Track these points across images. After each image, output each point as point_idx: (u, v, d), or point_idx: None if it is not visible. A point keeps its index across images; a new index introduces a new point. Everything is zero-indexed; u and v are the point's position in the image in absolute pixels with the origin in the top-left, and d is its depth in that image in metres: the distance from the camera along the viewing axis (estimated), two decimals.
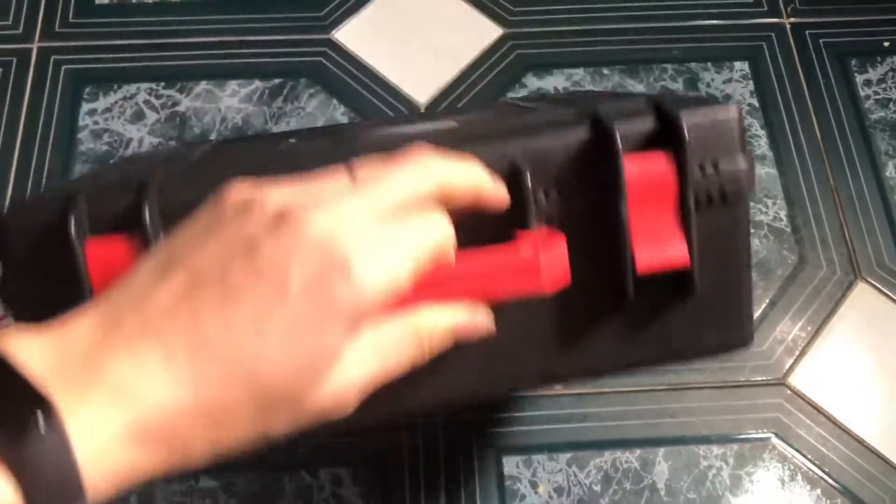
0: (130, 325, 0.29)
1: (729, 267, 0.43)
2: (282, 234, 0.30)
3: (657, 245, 0.41)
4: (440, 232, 0.33)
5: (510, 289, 0.36)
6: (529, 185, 0.40)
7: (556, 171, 0.41)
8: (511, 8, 0.92)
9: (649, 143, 0.41)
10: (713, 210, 0.42)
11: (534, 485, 0.68)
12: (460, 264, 0.35)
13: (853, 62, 0.92)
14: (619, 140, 0.39)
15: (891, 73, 0.90)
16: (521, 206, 0.40)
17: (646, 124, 0.41)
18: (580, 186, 0.41)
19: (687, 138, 0.39)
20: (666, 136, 0.40)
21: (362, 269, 0.30)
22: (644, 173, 0.40)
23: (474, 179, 0.36)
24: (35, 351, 0.29)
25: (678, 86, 0.89)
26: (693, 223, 0.40)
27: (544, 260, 0.35)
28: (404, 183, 0.33)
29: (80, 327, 0.30)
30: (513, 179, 0.40)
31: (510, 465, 0.69)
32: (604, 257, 0.41)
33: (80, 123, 0.85)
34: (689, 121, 0.40)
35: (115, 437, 0.28)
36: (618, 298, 0.41)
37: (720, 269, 0.43)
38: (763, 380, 0.74)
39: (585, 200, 0.41)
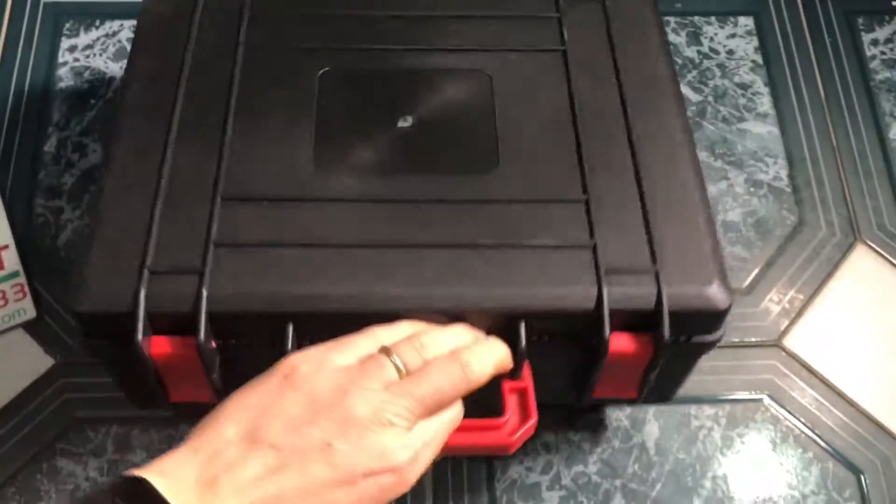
0: (226, 488, 0.38)
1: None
2: (349, 436, 0.41)
3: (615, 390, 0.57)
4: (458, 419, 0.48)
5: (482, 447, 0.52)
6: (524, 340, 0.50)
7: (550, 325, 0.51)
8: None
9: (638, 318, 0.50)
10: (668, 361, 0.52)
11: None
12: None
13: (860, 20, 0.89)
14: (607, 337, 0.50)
15: None
16: (514, 351, 0.50)
17: (641, 302, 0.50)
18: (566, 338, 0.52)
19: (667, 337, 0.49)
20: (654, 317, 0.50)
21: (409, 472, 0.43)
22: (624, 351, 0.50)
23: (501, 365, 0.49)
24: (163, 487, 0.37)
25: (681, 39, 0.86)
26: (652, 377, 0.54)
27: (517, 439, 0.51)
28: (448, 385, 0.45)
29: (185, 478, 0.39)
30: (510, 329, 0.50)
31: None
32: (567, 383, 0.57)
33: (60, 60, 0.81)
34: (678, 304, 0.49)
35: None
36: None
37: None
38: (757, 341, 0.72)
39: (567, 351, 0.53)
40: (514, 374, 0.52)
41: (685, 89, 0.84)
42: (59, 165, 0.77)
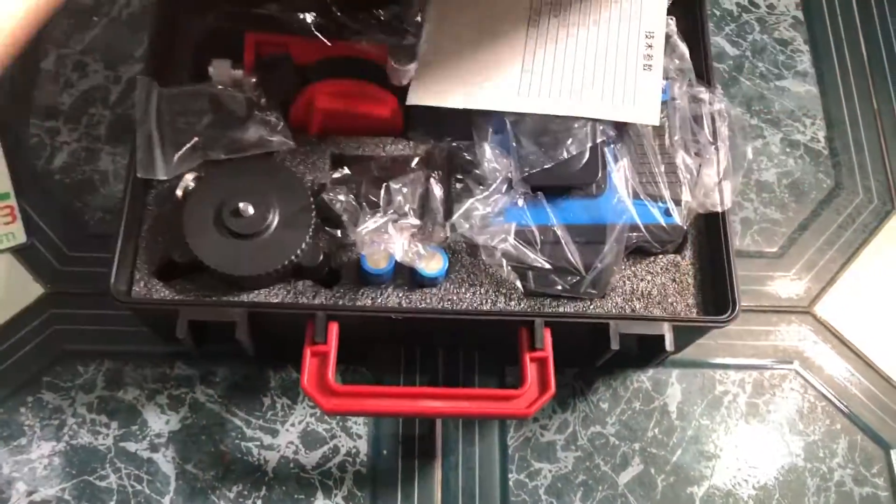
0: None
1: None
2: None
3: None
4: None
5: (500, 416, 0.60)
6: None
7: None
8: None
9: None
10: None
11: None
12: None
13: None
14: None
15: None
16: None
17: None
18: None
19: None
20: None
21: None
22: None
23: None
24: None
25: None
26: None
27: (532, 409, 0.53)
28: None
29: None
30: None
31: (513, 374, 0.64)
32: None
33: None
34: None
35: None
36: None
37: None
38: (788, 307, 0.69)
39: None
40: (535, 342, 0.53)
41: (722, 42, 0.79)
42: (57, 85, 0.72)
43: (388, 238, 0.55)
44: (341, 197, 0.56)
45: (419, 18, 0.60)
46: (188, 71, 0.64)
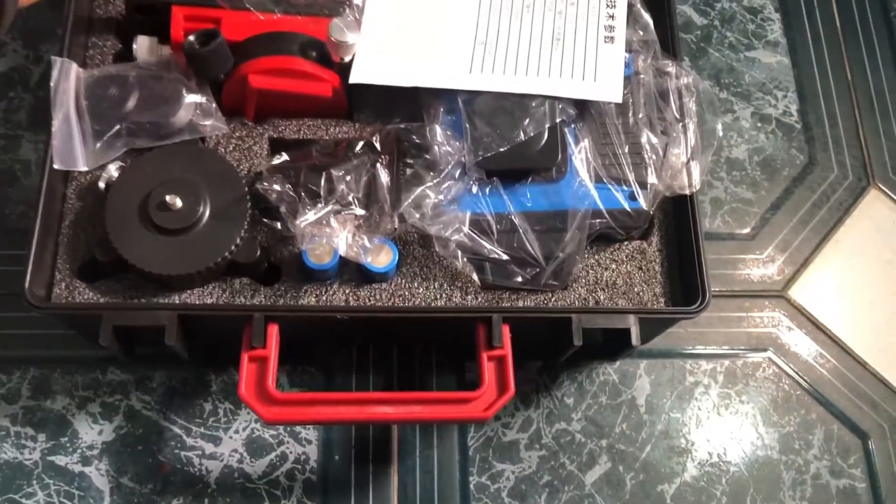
0: None
1: None
2: None
3: None
4: None
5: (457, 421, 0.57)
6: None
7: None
8: None
9: None
10: None
11: None
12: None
13: None
14: None
15: None
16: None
17: None
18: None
19: None
20: None
21: None
22: None
23: None
24: None
25: None
26: None
27: (490, 412, 0.49)
28: None
29: None
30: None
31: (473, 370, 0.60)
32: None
33: None
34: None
35: None
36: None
37: None
38: (761, 291, 0.66)
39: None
40: (493, 340, 0.50)
41: (689, 10, 0.75)
42: None
43: (331, 231, 0.51)
44: (277, 186, 0.51)
45: None
46: (110, 50, 0.58)
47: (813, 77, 0.74)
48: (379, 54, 0.55)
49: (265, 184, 0.51)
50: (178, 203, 0.51)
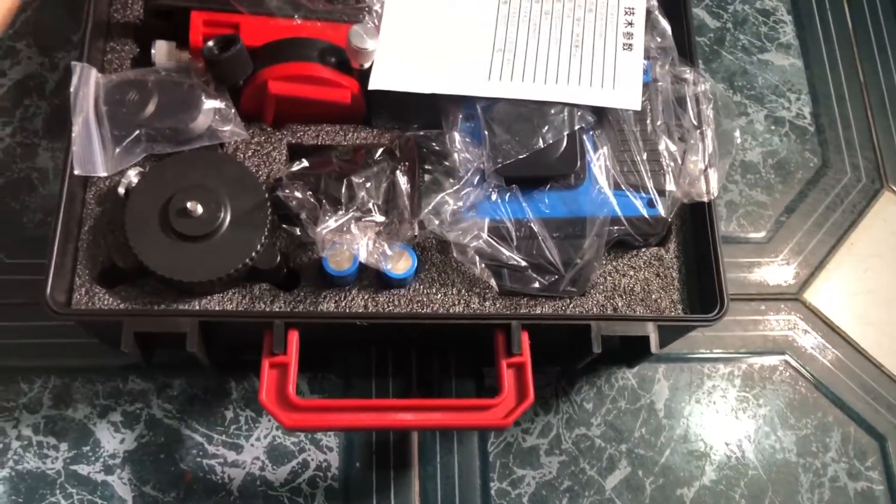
0: None
1: None
2: None
3: None
4: None
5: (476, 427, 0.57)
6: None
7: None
8: None
9: None
10: None
11: None
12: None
13: None
14: None
15: None
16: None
17: None
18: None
19: None
20: None
21: None
22: None
23: None
24: None
25: None
26: None
27: (509, 419, 0.49)
28: None
29: None
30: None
31: (492, 374, 0.60)
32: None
33: None
34: None
35: None
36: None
37: None
38: (777, 294, 0.66)
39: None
40: (512, 347, 0.50)
41: (702, 13, 0.75)
42: None
43: (351, 238, 0.51)
44: (298, 193, 0.51)
45: None
46: (128, 55, 0.59)
47: (825, 79, 0.74)
48: (398, 61, 0.55)
49: (286, 191, 0.52)
50: (199, 209, 0.51)
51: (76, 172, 0.52)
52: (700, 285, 0.54)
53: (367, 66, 0.55)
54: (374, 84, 0.54)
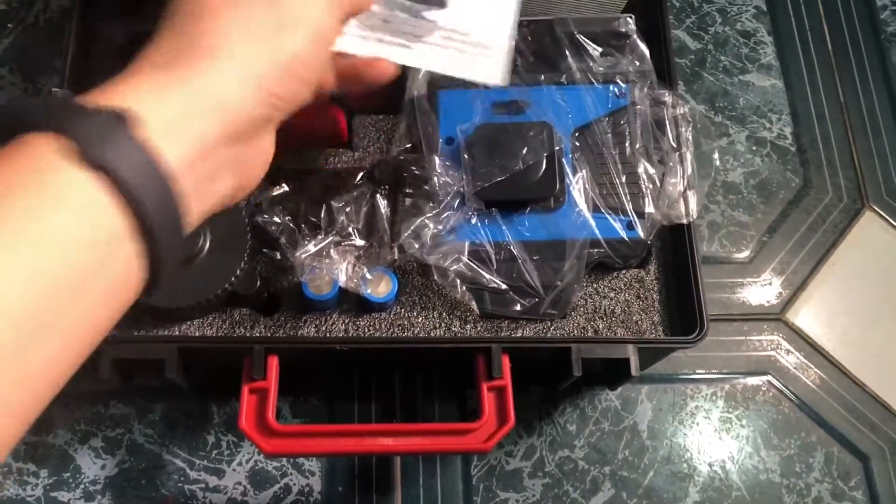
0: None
1: None
2: None
3: None
4: None
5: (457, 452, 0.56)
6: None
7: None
8: None
9: None
10: None
11: None
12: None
13: None
14: None
15: None
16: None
17: None
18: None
19: None
20: None
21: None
22: None
23: None
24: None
25: None
26: None
27: (490, 443, 0.49)
28: None
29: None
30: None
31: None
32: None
33: None
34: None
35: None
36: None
37: None
38: (759, 314, 0.66)
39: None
40: (492, 371, 0.50)
41: (683, 35, 0.76)
42: None
43: (331, 262, 0.51)
44: (277, 218, 0.51)
45: None
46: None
47: (806, 99, 0.75)
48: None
49: (265, 215, 0.52)
50: None
51: None
52: (681, 307, 0.54)
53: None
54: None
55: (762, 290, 0.67)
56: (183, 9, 0.36)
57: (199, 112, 0.32)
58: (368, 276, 0.52)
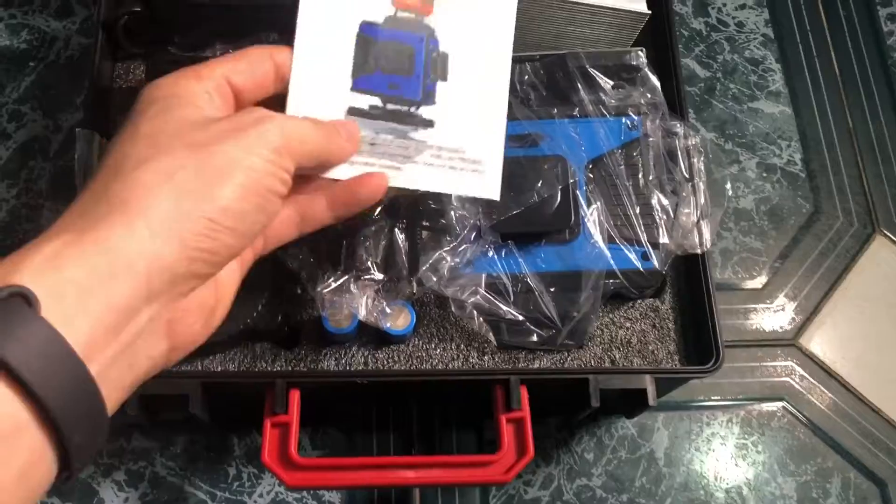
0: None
1: None
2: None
3: None
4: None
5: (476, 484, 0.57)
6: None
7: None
8: None
9: None
10: None
11: None
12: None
13: None
14: None
15: None
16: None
17: None
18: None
19: None
20: None
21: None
22: None
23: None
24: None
25: (687, 9, 0.79)
26: None
27: (510, 475, 0.49)
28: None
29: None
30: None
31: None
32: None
33: None
34: None
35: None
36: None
37: None
38: (773, 340, 0.66)
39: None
40: (511, 402, 0.50)
41: (692, 63, 0.77)
42: None
43: (351, 297, 0.52)
44: (298, 254, 0.52)
45: None
46: None
47: (815, 125, 0.75)
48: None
49: (286, 251, 0.53)
50: None
51: None
52: (696, 336, 0.55)
53: None
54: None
55: (775, 316, 0.67)
56: (107, 162, 0.34)
57: (113, 274, 0.30)
58: (388, 309, 0.52)
